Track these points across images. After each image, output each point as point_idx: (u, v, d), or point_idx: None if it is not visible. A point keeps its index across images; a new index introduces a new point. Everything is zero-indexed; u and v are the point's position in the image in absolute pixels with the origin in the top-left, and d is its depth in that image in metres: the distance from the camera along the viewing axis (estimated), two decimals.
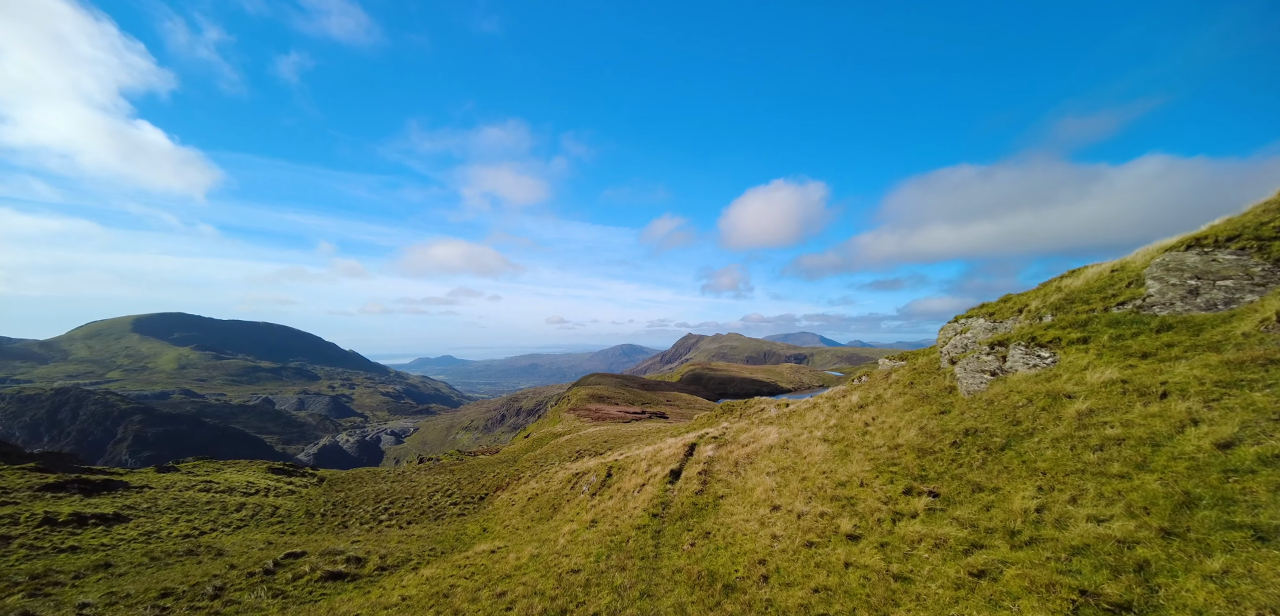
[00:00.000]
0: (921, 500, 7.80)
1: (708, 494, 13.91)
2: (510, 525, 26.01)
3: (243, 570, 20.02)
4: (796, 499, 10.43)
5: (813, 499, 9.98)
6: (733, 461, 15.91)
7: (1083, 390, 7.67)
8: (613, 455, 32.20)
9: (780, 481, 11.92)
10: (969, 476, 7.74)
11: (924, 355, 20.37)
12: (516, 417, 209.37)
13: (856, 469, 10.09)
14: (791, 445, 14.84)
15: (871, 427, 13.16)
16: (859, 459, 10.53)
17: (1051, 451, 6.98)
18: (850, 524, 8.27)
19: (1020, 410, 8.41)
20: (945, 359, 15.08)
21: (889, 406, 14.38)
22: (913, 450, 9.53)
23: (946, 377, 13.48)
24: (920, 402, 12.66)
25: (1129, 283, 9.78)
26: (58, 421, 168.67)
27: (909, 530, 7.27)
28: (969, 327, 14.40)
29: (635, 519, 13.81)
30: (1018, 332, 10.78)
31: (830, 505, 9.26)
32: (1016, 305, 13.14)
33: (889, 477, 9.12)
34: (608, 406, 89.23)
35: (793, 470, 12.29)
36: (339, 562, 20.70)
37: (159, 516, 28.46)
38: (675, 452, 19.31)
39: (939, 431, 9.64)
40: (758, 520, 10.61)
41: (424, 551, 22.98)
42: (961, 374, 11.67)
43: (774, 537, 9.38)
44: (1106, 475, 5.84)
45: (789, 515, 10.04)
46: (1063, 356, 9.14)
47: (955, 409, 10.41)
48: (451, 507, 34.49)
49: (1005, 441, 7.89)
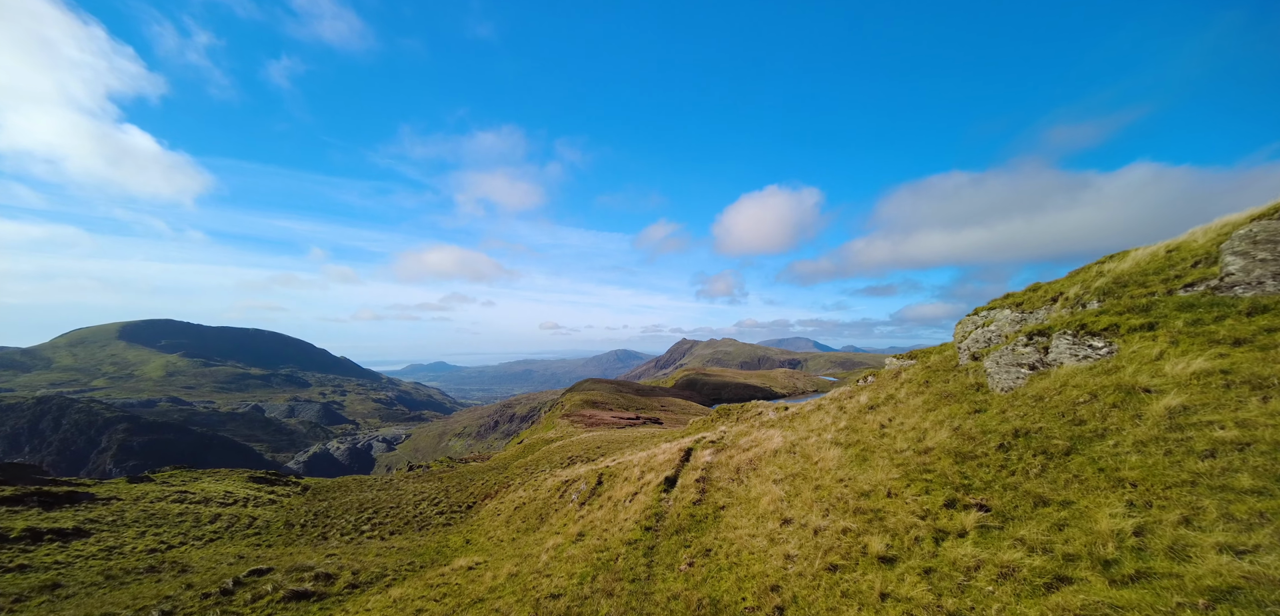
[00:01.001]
0: (970, 515, 6.41)
1: (707, 504, 12.45)
2: (495, 536, 24.42)
3: (199, 591, 18.32)
4: (811, 511, 9.01)
5: (831, 511, 8.56)
6: (733, 467, 14.46)
7: (1164, 383, 6.32)
8: (605, 461, 30.65)
9: (790, 490, 10.49)
10: (1027, 486, 6.37)
11: (937, 352, 19.08)
12: (510, 424, 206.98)
13: (881, 476, 8.68)
14: (799, 449, 13.41)
15: (889, 429, 11.79)
16: (882, 464, 9.13)
17: (1137, 457, 5.61)
18: (881, 543, 6.86)
19: (1082, 407, 7.06)
20: (965, 354, 13.76)
21: (906, 406, 13.03)
22: (948, 454, 8.15)
23: (970, 374, 12.16)
24: (944, 401, 11.32)
25: (1194, 261, 8.50)
26: (39, 431, 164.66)
27: (959, 553, 5.88)
28: (992, 320, 13.09)
29: (626, 532, 12.33)
30: (1060, 321, 9.47)
31: (854, 519, 7.84)
32: (1049, 293, 11.85)
33: (923, 486, 7.73)
34: (602, 412, 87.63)
35: (803, 477, 10.86)
36: (306, 580, 19.03)
37: (124, 530, 26.63)
38: (670, 458, 17.84)
39: (978, 433, 8.27)
40: (766, 536, 9.17)
41: (402, 566, 21.36)
42: (992, 369, 10.34)
43: (788, 558, 7.96)
44: (1233, 490, 4.47)
45: (803, 530, 8.61)
46: (1123, 346, 7.83)
47: (993, 407, 9.05)
48: (437, 517, 32.86)
49: (1069, 444, 6.53)
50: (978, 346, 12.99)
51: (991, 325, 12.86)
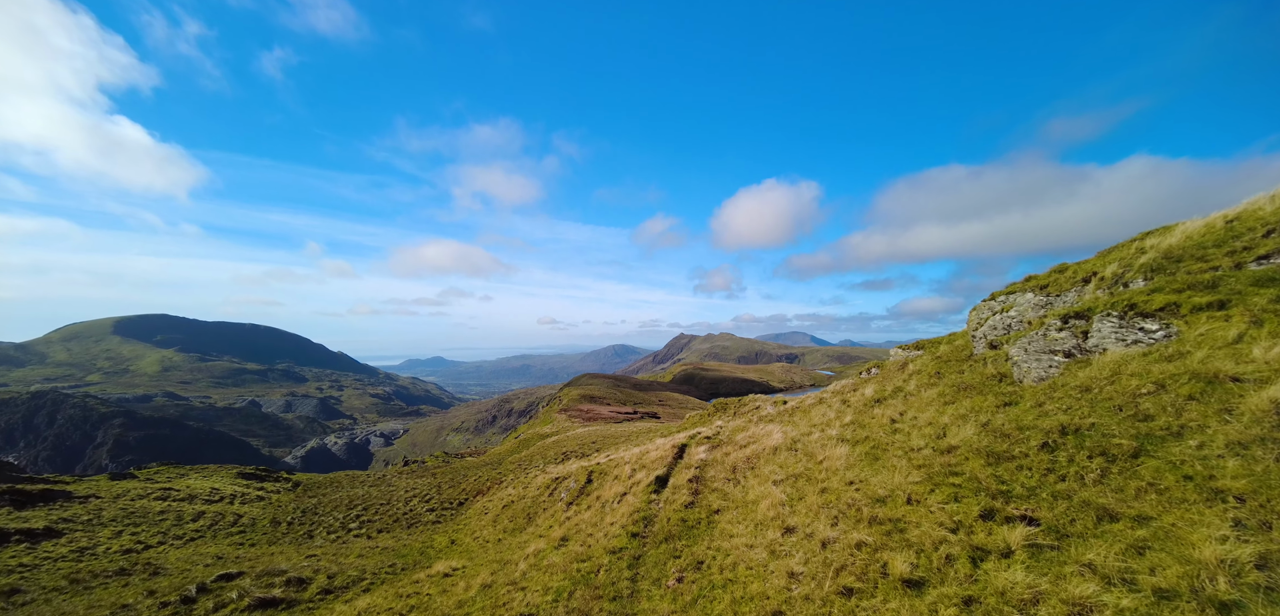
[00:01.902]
0: (1015, 530, 5.23)
1: (700, 507, 11.27)
2: (480, 536, 23.30)
3: (160, 597, 17.15)
4: (818, 519, 7.84)
5: (841, 520, 7.40)
6: (730, 466, 13.27)
7: (1258, 370, 5.16)
8: (597, 458, 29.52)
9: (793, 493, 9.31)
10: (1084, 495, 5.19)
11: (946, 342, 17.90)
12: (508, 419, 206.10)
13: (899, 479, 7.50)
14: (801, 446, 12.22)
15: (901, 425, 10.61)
16: (899, 465, 7.95)
17: (1237, 463, 4.43)
18: (905, 562, 5.70)
19: (1145, 400, 5.87)
20: (981, 343, 12.58)
21: (917, 400, 11.85)
22: (977, 454, 6.98)
23: (990, 363, 10.97)
24: (963, 394, 10.15)
25: (1267, 231, 7.32)
26: (34, 426, 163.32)
27: (1006, 580, 4.70)
28: (1013, 305, 11.88)
29: (611, 538, 11.15)
30: (1101, 303, 8.29)
31: (869, 531, 6.67)
32: (1078, 274, 10.66)
33: (950, 492, 6.56)
34: (599, 407, 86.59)
35: (808, 478, 9.68)
36: (276, 586, 17.86)
37: (99, 530, 25.43)
38: (662, 455, 16.64)
39: (1012, 430, 7.09)
40: (766, 546, 8.00)
41: (381, 568, 20.21)
42: (1019, 357, 9.17)
43: (792, 576, 6.79)
44: None
45: (809, 542, 7.44)
46: (1186, 328, 6.66)
47: (1026, 400, 7.88)
48: (428, 514, 31.79)
49: (1136, 445, 5.35)
50: (996, 334, 11.79)
51: (1011, 310, 11.65)
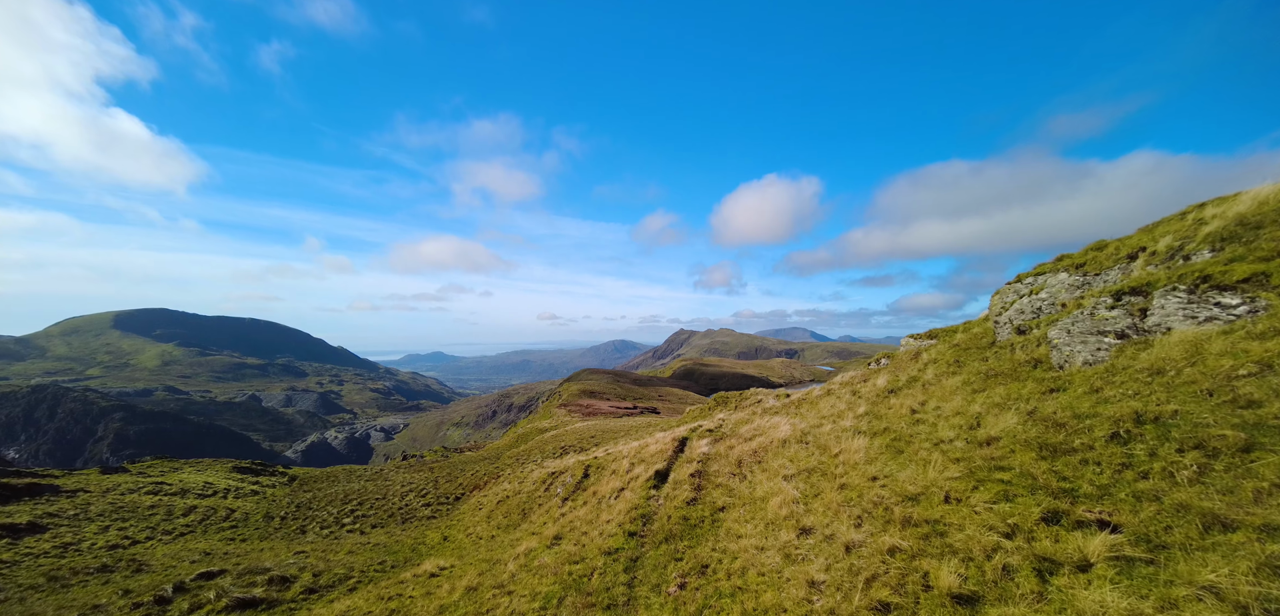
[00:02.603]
0: (1091, 538, 4.24)
1: (703, 504, 10.32)
2: (474, 533, 22.42)
3: (134, 598, 16.24)
4: (838, 519, 6.88)
5: (866, 520, 6.44)
6: (735, 460, 12.32)
7: None
8: (596, 451, 28.63)
9: (807, 489, 8.36)
10: (1180, 497, 4.21)
11: (962, 330, 16.89)
12: (508, 413, 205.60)
13: (932, 474, 6.53)
14: (813, 439, 11.26)
15: (924, 415, 9.63)
16: (932, 458, 6.97)
17: None
18: (952, 573, 4.73)
19: (1245, 383, 4.86)
20: (1006, 328, 11.58)
21: (938, 389, 10.86)
22: (1025, 446, 6.00)
23: (1020, 349, 9.97)
24: (993, 381, 9.17)
25: None
26: (35, 420, 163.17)
27: (1093, 602, 3.72)
28: (1043, 286, 10.87)
29: (607, 537, 10.22)
30: (1163, 277, 7.31)
31: (902, 534, 5.70)
32: (1122, 250, 9.64)
33: (998, 490, 5.59)
34: (599, 401, 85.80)
35: (823, 473, 8.72)
36: (258, 585, 16.96)
37: (86, 525, 24.57)
38: (662, 449, 15.69)
39: (1067, 418, 6.10)
40: (779, 549, 7.05)
41: (370, 565, 19.32)
42: (1061, 340, 8.18)
43: (813, 585, 5.83)
44: None
45: (830, 545, 6.48)
46: (1278, 302, 5.70)
47: (1076, 385, 6.89)
48: (423, 508, 30.97)
49: (1247, 438, 4.37)
50: (1024, 318, 10.80)
51: (1042, 293, 10.65)
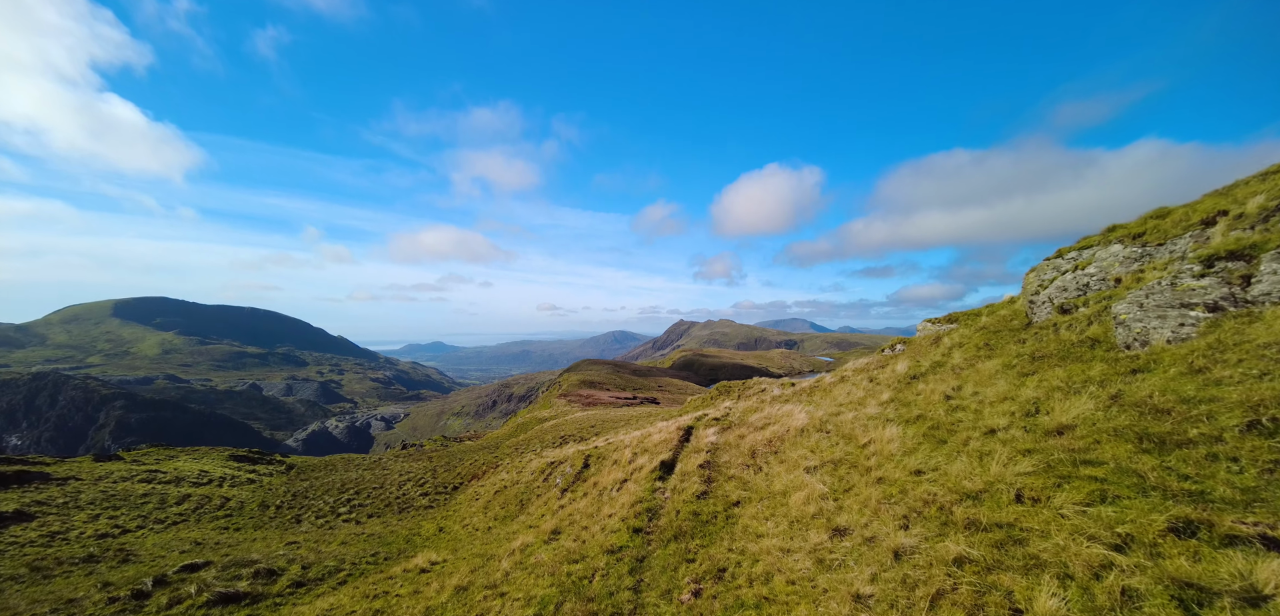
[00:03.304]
0: (1261, 561, 3.25)
1: (715, 497, 9.55)
2: (470, 524, 21.76)
3: (111, 593, 15.55)
4: (879, 519, 6.04)
5: (915, 521, 5.60)
6: (747, 450, 11.53)
7: None
8: (595, 441, 27.92)
9: (835, 483, 7.56)
10: None
11: (987, 313, 16.02)
12: (508, 403, 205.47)
13: (997, 469, 5.61)
14: (834, 427, 10.46)
15: (961, 401, 8.78)
16: (991, 450, 6.06)
17: None
18: (1049, 595, 3.76)
19: None
20: (1045, 307, 10.71)
21: (974, 373, 9.97)
22: (1117, 437, 5.08)
23: (1066, 328, 9.06)
24: (1042, 364, 8.29)
25: None
26: (36, 407, 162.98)
27: None
28: (1091, 260, 9.98)
29: (609, 533, 9.46)
30: (1274, 239, 6.42)
31: (968, 540, 4.79)
32: (1194, 215, 8.69)
33: (1091, 489, 4.65)
34: (599, 391, 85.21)
35: (852, 465, 7.93)
36: (243, 578, 16.24)
37: (76, 513, 23.90)
38: (667, 438, 14.91)
39: (1171, 403, 5.10)
40: (810, 553, 6.20)
41: (362, 557, 18.63)
42: (1132, 316, 7.28)
43: (859, 601, 4.93)
44: None
45: (872, 549, 5.62)
46: None
47: (1164, 365, 5.99)
48: (421, 498, 30.36)
49: None
50: (1068, 296, 9.94)
51: (1090, 267, 9.77)
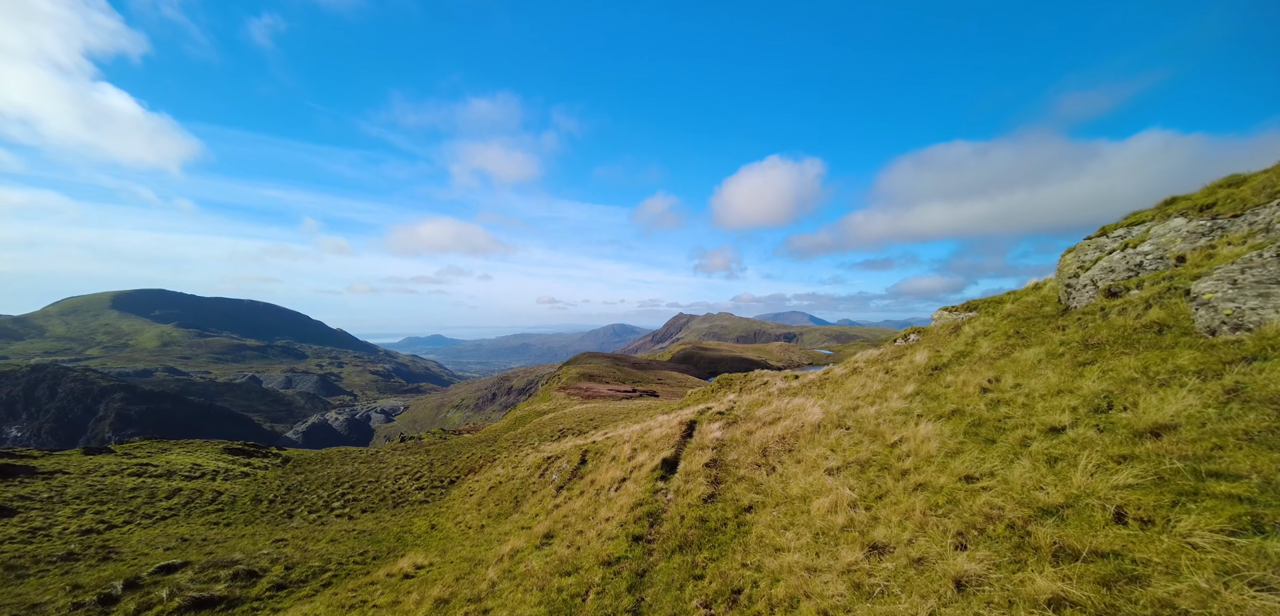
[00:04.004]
0: None
1: (724, 501, 8.57)
2: (463, 521, 20.85)
3: (76, 599, 14.63)
4: (926, 534, 4.99)
5: (976, 540, 4.55)
6: (757, 448, 10.53)
7: None
8: (594, 435, 26.99)
9: (864, 487, 6.57)
10: None
11: (1011, 299, 14.96)
12: (507, 396, 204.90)
13: (1082, 480, 4.40)
14: (855, 423, 9.46)
15: (1001, 394, 7.69)
16: (1062, 452, 5.08)
17: None
18: None
19: None
20: (1088, 291, 9.64)
21: (1011, 363, 8.85)
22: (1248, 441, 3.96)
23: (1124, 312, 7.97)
24: (1103, 352, 7.18)
25: None
26: (35, 399, 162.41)
27: None
28: (1146, 236, 8.90)
29: (606, 541, 8.49)
30: None
31: (1060, 574, 3.66)
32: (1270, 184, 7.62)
33: (1233, 511, 3.46)
34: (598, 385, 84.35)
35: (883, 467, 6.94)
36: (221, 580, 15.28)
37: (60, 509, 22.98)
38: (668, 433, 13.91)
39: None
40: (843, 574, 5.14)
41: (350, 556, 17.71)
42: (1222, 295, 6.12)
43: None
44: None
45: (924, 574, 4.58)
46: None
47: None
48: (416, 492, 29.51)
49: None
50: (1117, 277, 8.90)
51: (1145, 244, 8.71)
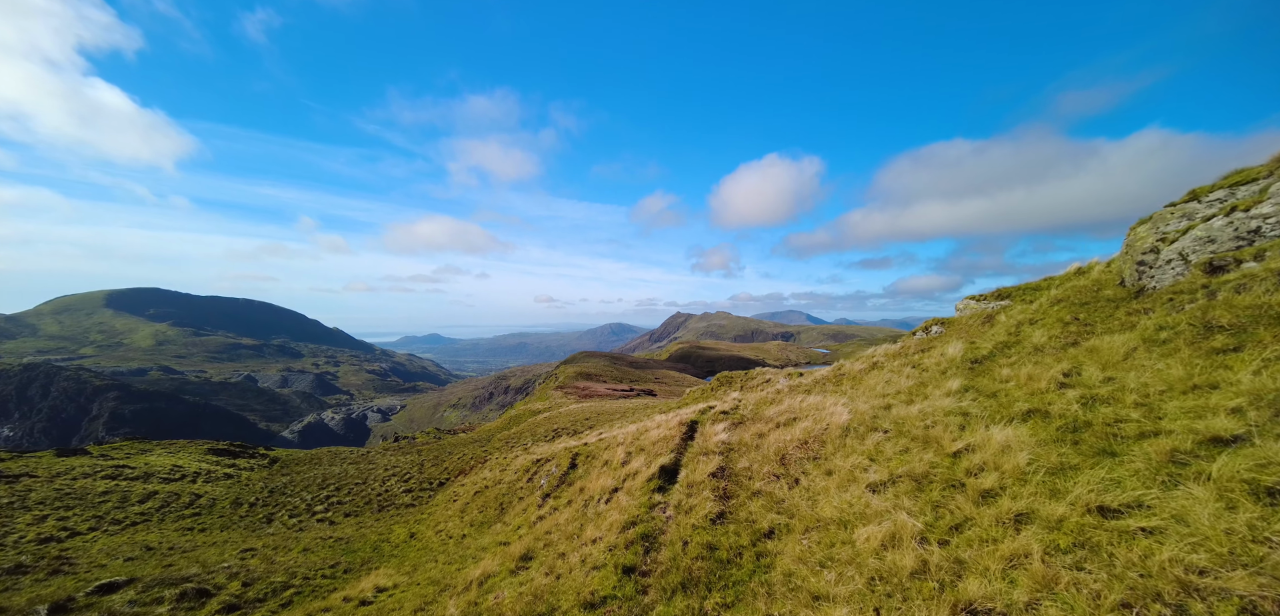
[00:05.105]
0: None
1: (737, 522, 6.92)
2: (443, 530, 19.19)
3: None
4: (1057, 595, 3.42)
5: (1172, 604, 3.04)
6: (773, 454, 8.85)
7: None
8: (588, 436, 25.33)
9: (929, 512, 4.86)
10: None
11: (1058, 284, 13.22)
12: (505, 395, 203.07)
13: None
14: (894, 426, 7.82)
15: (1091, 390, 6.01)
16: None
17: None
18: None
19: None
20: (1174, 267, 7.96)
21: (1092, 355, 7.03)
22: None
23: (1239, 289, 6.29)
24: (1230, 337, 5.57)
25: None
26: (28, 398, 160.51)
27: None
28: (1264, 196, 7.21)
29: (590, 572, 6.84)
30: None
31: None
32: None
33: None
34: (596, 384, 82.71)
35: (949, 484, 5.28)
36: (165, 601, 13.55)
37: (20, 514, 21.28)
38: (666, 435, 12.20)
39: None
40: None
41: (318, 571, 16.00)
42: None
43: None
44: None
45: None
46: None
47: None
48: (403, 495, 27.92)
49: None
50: (1220, 247, 7.28)
51: (1264, 205, 7.01)
